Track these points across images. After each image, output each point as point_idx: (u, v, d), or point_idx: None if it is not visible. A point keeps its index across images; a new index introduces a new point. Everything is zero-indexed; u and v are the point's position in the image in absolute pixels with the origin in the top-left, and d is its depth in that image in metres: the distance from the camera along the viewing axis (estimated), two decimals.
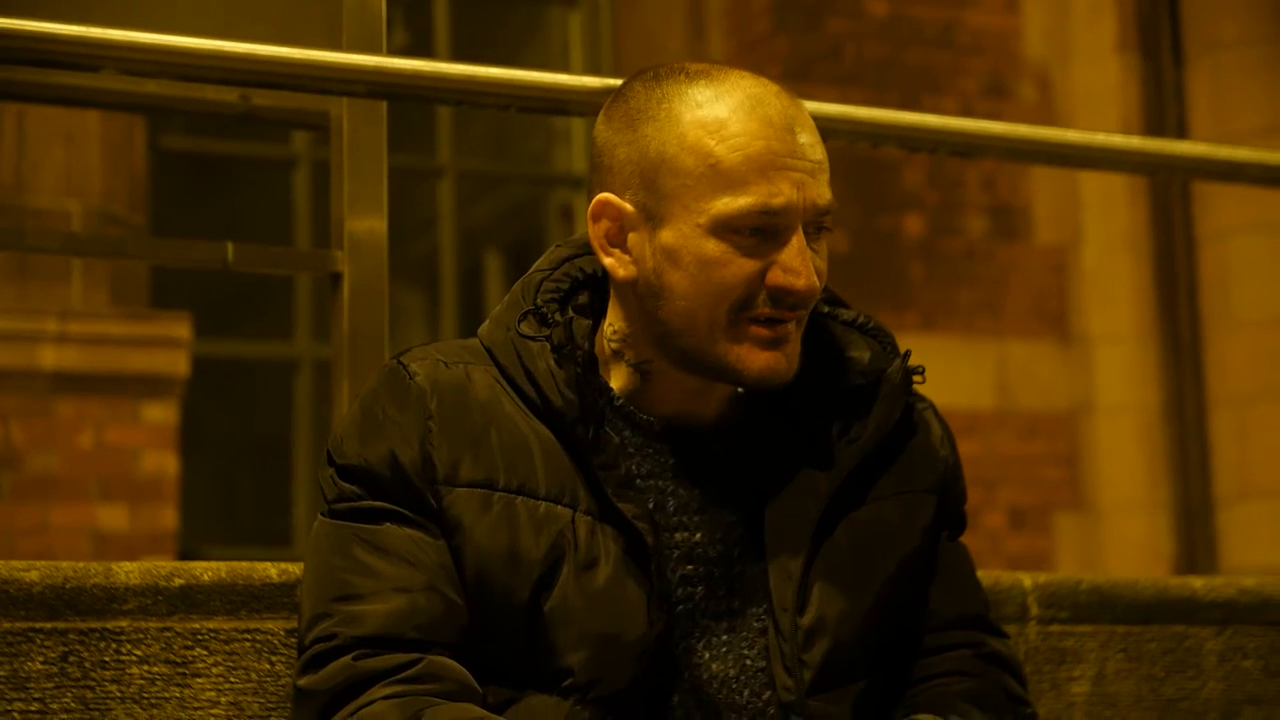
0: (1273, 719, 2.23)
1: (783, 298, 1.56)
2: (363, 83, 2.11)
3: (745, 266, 1.56)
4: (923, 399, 1.73)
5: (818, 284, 1.57)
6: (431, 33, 6.94)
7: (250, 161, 6.95)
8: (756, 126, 1.56)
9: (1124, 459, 6.27)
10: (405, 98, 2.18)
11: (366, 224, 2.46)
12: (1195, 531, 6.11)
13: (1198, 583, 2.24)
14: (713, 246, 1.56)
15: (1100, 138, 2.50)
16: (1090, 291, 6.40)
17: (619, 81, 2.17)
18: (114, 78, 2.49)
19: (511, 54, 7.36)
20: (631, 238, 1.60)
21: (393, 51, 4.39)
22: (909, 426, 1.69)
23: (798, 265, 1.55)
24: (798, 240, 1.56)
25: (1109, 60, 6.40)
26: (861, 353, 1.68)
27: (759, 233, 1.56)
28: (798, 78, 6.01)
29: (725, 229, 1.55)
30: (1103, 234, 6.39)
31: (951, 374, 6.08)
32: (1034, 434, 6.30)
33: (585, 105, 2.15)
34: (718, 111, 1.57)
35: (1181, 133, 6.18)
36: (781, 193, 1.55)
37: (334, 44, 2.39)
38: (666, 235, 1.58)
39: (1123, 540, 6.23)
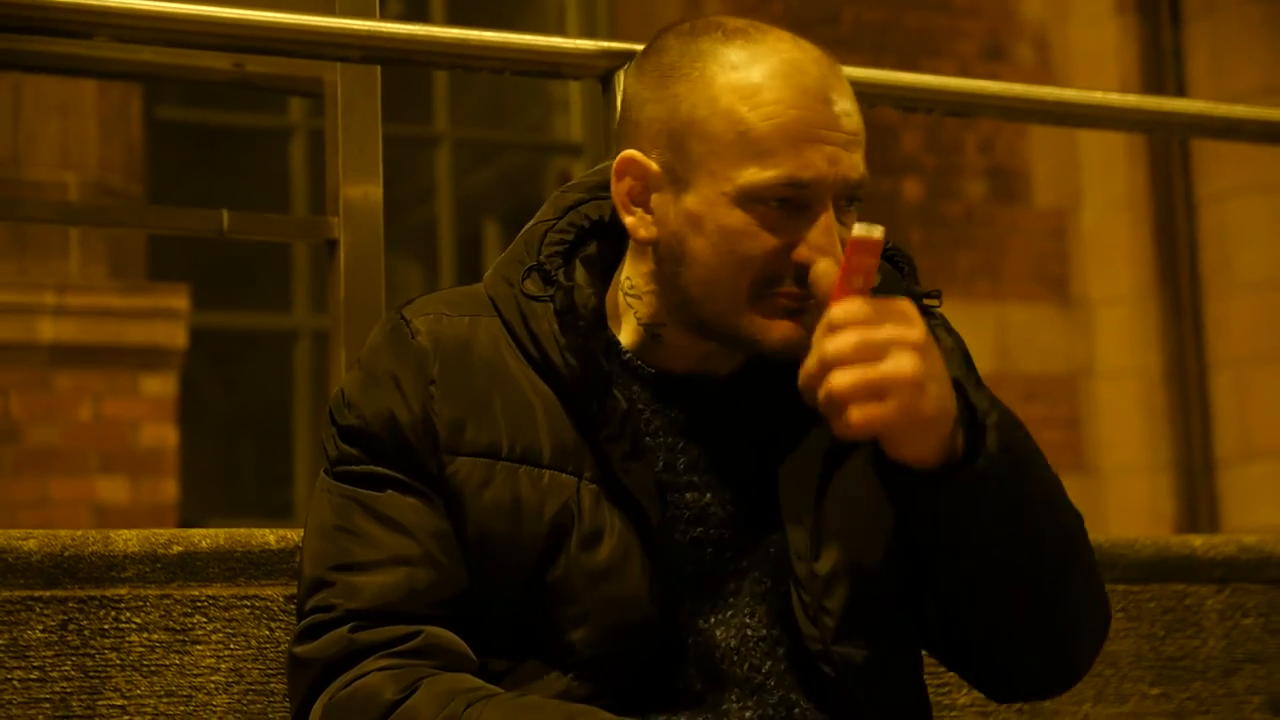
0: (1273, 676, 2.24)
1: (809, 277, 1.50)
2: (357, 47, 2.11)
3: (769, 240, 1.50)
4: (935, 316, 1.66)
5: None
6: (426, 1, 6.91)
7: (246, 131, 6.93)
8: (791, 95, 1.49)
9: (1125, 421, 6.27)
10: (399, 62, 2.18)
11: (362, 190, 2.45)
12: (1197, 493, 6.12)
13: (1197, 541, 2.24)
14: (737, 217, 1.50)
15: (1098, 96, 2.50)
16: (1090, 254, 6.39)
17: (616, 45, 2.17)
18: (108, 45, 2.49)
19: (506, 22, 7.33)
20: (655, 199, 1.55)
21: (386, 18, 4.38)
22: None
23: (825, 244, 1.49)
24: (826, 218, 1.50)
25: (1107, 21, 6.37)
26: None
27: (786, 205, 1.50)
28: None
29: (751, 200, 1.49)
30: (1102, 196, 6.38)
31: None
32: (1034, 397, 6.29)
33: (581, 68, 2.14)
34: (752, 76, 1.50)
35: (1180, 94, 6.15)
36: (812, 165, 1.49)
37: (328, 9, 2.37)
38: (691, 200, 1.52)
39: (1124, 502, 6.24)
